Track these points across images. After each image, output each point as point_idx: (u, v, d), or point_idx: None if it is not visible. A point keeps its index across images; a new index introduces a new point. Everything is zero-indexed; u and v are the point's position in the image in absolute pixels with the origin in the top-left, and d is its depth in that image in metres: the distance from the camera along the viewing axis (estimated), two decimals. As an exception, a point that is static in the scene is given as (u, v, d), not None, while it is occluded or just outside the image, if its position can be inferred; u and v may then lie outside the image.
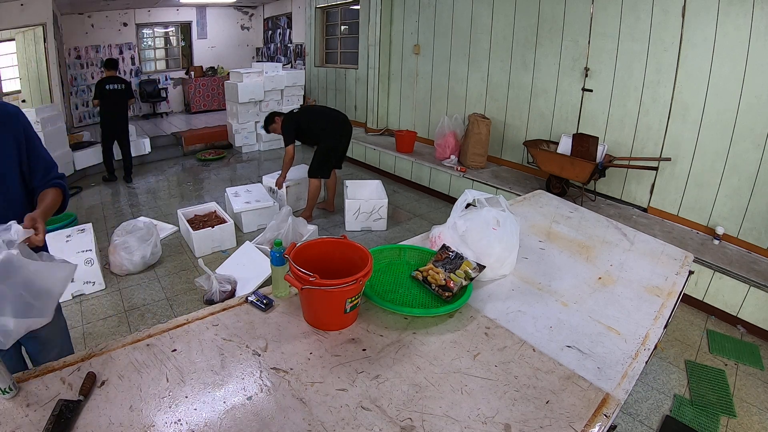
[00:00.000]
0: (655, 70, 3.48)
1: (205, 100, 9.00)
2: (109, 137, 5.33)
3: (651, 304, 1.51)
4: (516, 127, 4.69)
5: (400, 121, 6.26)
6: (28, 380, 1.05)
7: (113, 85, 5.13)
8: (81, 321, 2.73)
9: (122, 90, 5.20)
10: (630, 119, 3.72)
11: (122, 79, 5.28)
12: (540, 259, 1.78)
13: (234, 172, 6.06)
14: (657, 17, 3.41)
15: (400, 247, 1.69)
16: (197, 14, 8.95)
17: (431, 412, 1.01)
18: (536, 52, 4.32)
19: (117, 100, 5.20)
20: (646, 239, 2.05)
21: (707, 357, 2.57)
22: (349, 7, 6.92)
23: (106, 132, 5.30)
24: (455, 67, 5.20)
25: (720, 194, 3.26)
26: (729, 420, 2.11)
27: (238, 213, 3.94)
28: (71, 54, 7.51)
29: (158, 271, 3.32)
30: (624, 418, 2.07)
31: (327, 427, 0.96)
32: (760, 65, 2.93)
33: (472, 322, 1.36)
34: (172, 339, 1.21)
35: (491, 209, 1.67)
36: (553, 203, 2.45)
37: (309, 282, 1.19)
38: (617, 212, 3.70)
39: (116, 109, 5.24)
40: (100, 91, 5.10)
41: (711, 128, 3.24)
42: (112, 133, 5.31)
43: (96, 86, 5.18)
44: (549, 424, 1.00)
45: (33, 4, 5.36)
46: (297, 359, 1.16)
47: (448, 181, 4.82)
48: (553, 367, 1.18)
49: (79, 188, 5.22)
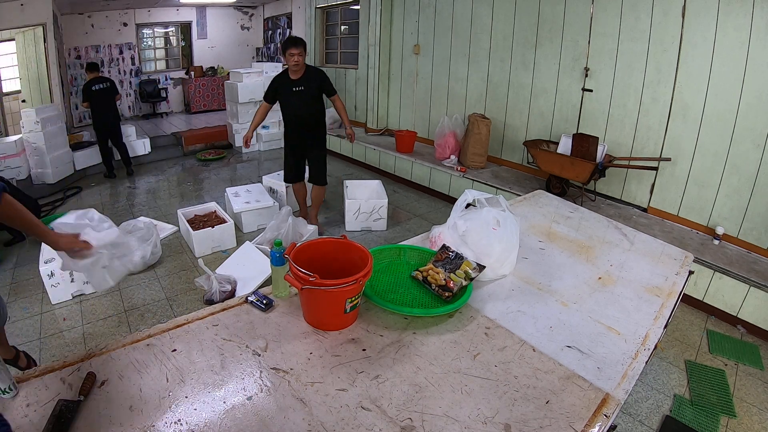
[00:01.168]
0: (655, 70, 3.48)
1: (205, 100, 9.00)
2: (103, 135, 5.46)
3: (651, 304, 1.51)
4: (516, 127, 4.69)
5: (400, 121, 6.26)
6: (28, 380, 1.06)
7: (99, 85, 5.27)
8: (81, 321, 2.73)
9: (108, 88, 5.34)
10: (630, 119, 3.72)
11: (106, 78, 5.45)
12: (540, 259, 1.78)
13: (234, 172, 6.06)
14: (657, 17, 3.41)
15: (400, 247, 1.69)
16: (197, 14, 8.95)
17: (431, 412, 1.01)
18: (536, 52, 4.32)
19: (105, 99, 5.33)
20: (646, 239, 2.05)
21: (707, 357, 2.57)
22: (349, 7, 6.91)
23: (99, 131, 5.43)
24: (455, 67, 5.20)
25: (720, 194, 3.26)
26: (729, 420, 2.11)
27: (238, 213, 3.94)
28: (71, 54, 7.51)
29: (158, 271, 3.32)
30: (624, 418, 2.07)
31: (327, 427, 0.96)
32: (760, 65, 2.93)
33: (472, 322, 1.36)
34: (172, 339, 1.21)
35: (491, 209, 1.67)
36: (553, 203, 2.45)
37: (309, 282, 1.19)
38: (617, 212, 3.70)
39: (105, 108, 5.38)
40: (88, 93, 5.23)
41: (711, 128, 3.24)
42: (105, 131, 5.45)
43: (83, 90, 5.29)
44: (549, 424, 1.00)
45: (33, 4, 5.36)
46: (297, 359, 1.16)
47: (448, 181, 4.81)
48: (553, 367, 1.18)
49: (79, 188, 5.22)
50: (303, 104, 3.47)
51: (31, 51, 5.84)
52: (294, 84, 3.40)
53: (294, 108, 3.49)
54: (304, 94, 3.45)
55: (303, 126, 3.57)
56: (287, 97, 3.47)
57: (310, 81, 3.44)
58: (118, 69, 8.19)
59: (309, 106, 3.51)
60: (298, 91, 3.42)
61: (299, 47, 3.28)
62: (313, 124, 3.60)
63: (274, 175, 4.60)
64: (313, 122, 3.60)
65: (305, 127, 3.59)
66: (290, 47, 3.27)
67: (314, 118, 3.59)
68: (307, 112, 3.53)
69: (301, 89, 3.42)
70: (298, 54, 3.27)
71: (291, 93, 3.43)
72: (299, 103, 3.46)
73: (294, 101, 3.46)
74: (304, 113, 3.52)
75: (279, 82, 3.47)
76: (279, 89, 3.47)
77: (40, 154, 4.91)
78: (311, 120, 3.58)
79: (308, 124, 3.57)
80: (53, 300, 2.87)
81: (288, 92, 3.44)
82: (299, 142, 3.65)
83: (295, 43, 3.28)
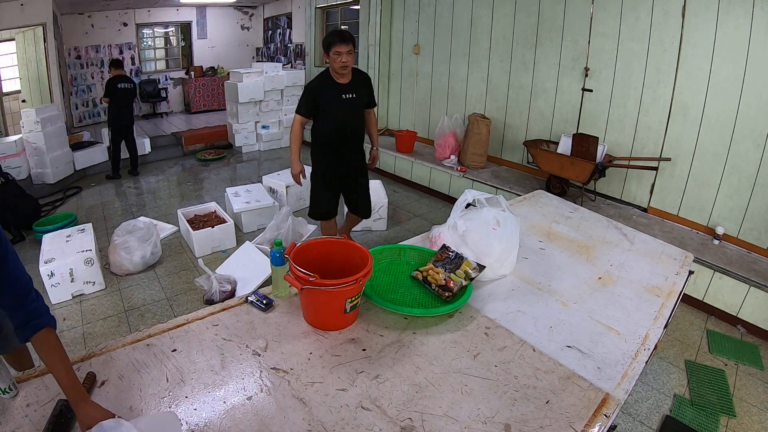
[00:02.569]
0: (655, 70, 3.48)
1: (205, 100, 9.00)
2: (120, 134, 5.47)
3: (651, 304, 1.51)
4: (516, 127, 4.69)
5: (400, 121, 6.26)
6: (28, 380, 1.05)
7: (125, 84, 5.28)
8: (81, 321, 2.73)
9: (132, 89, 5.38)
10: (630, 119, 3.72)
11: (131, 79, 5.48)
12: (540, 259, 1.78)
13: (234, 172, 6.06)
14: (657, 17, 3.40)
15: (400, 247, 1.69)
16: (197, 14, 8.95)
17: (431, 412, 1.01)
18: (536, 52, 4.32)
19: (127, 99, 5.36)
20: (646, 239, 2.05)
21: (707, 357, 2.57)
22: (349, 7, 6.91)
23: (117, 129, 5.42)
24: (455, 67, 5.20)
25: (720, 194, 3.26)
26: (729, 420, 2.10)
27: (238, 213, 3.94)
28: (71, 54, 7.51)
29: (158, 271, 3.32)
30: (624, 418, 2.07)
31: (327, 427, 0.96)
32: (760, 65, 2.93)
33: (472, 322, 1.36)
34: (172, 339, 1.21)
35: (491, 209, 1.67)
36: (553, 203, 2.45)
37: (309, 282, 1.19)
38: (617, 212, 3.70)
39: (127, 107, 5.40)
40: (112, 90, 5.20)
41: (711, 128, 3.24)
42: (123, 130, 5.46)
43: (108, 84, 5.25)
44: (549, 424, 1.00)
45: (33, 4, 5.36)
46: (297, 359, 1.16)
47: (448, 181, 4.81)
48: (553, 367, 1.18)
49: (79, 188, 5.22)
50: (354, 116, 2.70)
51: (31, 51, 5.84)
52: (343, 90, 2.59)
53: (342, 121, 2.66)
54: (356, 103, 2.65)
55: (349, 145, 2.77)
56: (334, 106, 2.61)
57: (360, 87, 2.66)
58: (123, 68, 8.19)
59: (359, 119, 2.75)
60: (349, 99, 2.61)
61: (349, 44, 2.45)
62: (359, 143, 2.83)
63: (274, 175, 4.60)
64: (360, 141, 2.82)
65: (352, 147, 2.79)
66: (337, 43, 2.43)
67: (361, 131, 2.82)
68: (358, 126, 2.76)
69: (352, 97, 2.61)
70: (347, 52, 2.46)
71: (340, 101, 2.60)
72: (350, 115, 2.66)
73: (343, 112, 2.64)
74: (353, 128, 2.73)
75: (319, 88, 2.61)
76: (321, 97, 2.60)
77: (40, 154, 4.91)
78: (358, 138, 2.81)
79: (355, 142, 2.80)
80: (53, 300, 2.87)
81: (335, 100, 2.60)
82: (344, 167, 2.81)
83: (343, 38, 2.44)
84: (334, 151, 2.75)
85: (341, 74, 2.56)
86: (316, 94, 2.60)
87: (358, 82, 2.65)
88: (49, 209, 4.55)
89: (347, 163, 2.81)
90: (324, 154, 2.77)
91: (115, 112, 5.32)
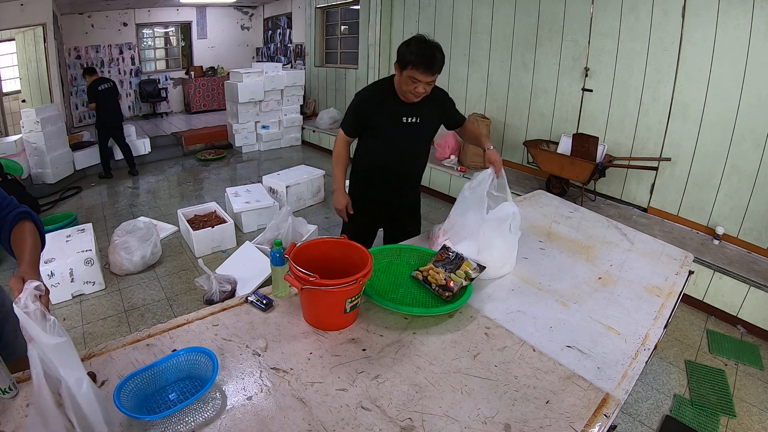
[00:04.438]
0: (655, 70, 3.48)
1: (205, 100, 9.00)
2: (107, 134, 5.49)
3: (651, 304, 1.51)
4: (516, 127, 4.69)
5: (400, 121, 6.26)
6: (28, 380, 1.05)
7: (103, 85, 5.32)
8: (81, 321, 2.73)
9: (113, 88, 5.41)
10: (630, 119, 3.72)
11: (108, 79, 5.54)
12: (540, 259, 1.78)
13: (234, 172, 6.06)
14: (657, 17, 3.40)
15: (400, 247, 1.69)
16: (197, 14, 8.95)
17: (431, 412, 1.01)
18: (536, 52, 4.32)
19: (111, 98, 5.39)
20: (646, 239, 2.05)
21: (707, 357, 2.57)
22: (349, 7, 6.91)
23: (104, 131, 5.45)
24: (455, 67, 5.19)
25: (720, 194, 3.26)
26: (729, 420, 2.11)
27: (238, 213, 3.94)
28: (71, 54, 7.51)
29: (158, 271, 3.32)
30: (624, 418, 2.07)
31: (327, 427, 0.96)
32: (760, 65, 2.93)
33: (472, 322, 1.35)
34: (172, 339, 1.21)
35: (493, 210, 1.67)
36: (553, 203, 2.45)
37: (309, 282, 1.19)
38: (617, 212, 3.70)
39: (112, 107, 5.43)
40: (95, 94, 5.25)
41: (711, 128, 3.24)
42: (110, 131, 5.48)
43: (88, 91, 5.32)
44: (549, 424, 1.00)
45: (33, 4, 5.36)
46: (297, 359, 1.16)
47: (448, 181, 4.81)
48: (553, 367, 1.18)
49: (79, 188, 5.22)
50: (414, 144, 2.04)
51: (31, 51, 5.84)
52: (406, 111, 1.94)
53: (398, 149, 2.02)
54: (420, 129, 2.00)
55: (401, 182, 2.15)
56: (390, 130, 1.98)
57: (430, 108, 1.99)
58: (118, 69, 8.19)
59: (421, 147, 2.09)
60: (410, 124, 1.96)
61: (435, 75, 1.78)
62: (415, 181, 2.23)
63: (274, 175, 4.60)
64: (417, 178, 2.24)
65: (405, 186, 2.18)
66: (420, 70, 1.75)
67: (421, 166, 2.20)
68: (416, 159, 2.13)
69: (416, 122, 1.97)
70: (429, 83, 1.81)
71: (399, 125, 1.96)
72: (409, 143, 2.01)
73: (401, 139, 2.00)
74: (409, 161, 2.10)
75: (375, 101, 1.97)
76: (376, 117, 1.97)
77: (40, 154, 4.91)
78: (415, 174, 2.20)
79: (410, 180, 2.20)
80: (53, 300, 2.85)
81: (392, 123, 1.96)
82: (386, 203, 2.19)
83: (429, 66, 1.74)
84: (378, 183, 2.12)
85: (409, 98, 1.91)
86: (368, 110, 1.97)
87: (429, 102, 1.95)
88: (49, 208, 4.56)
89: (396, 206, 2.20)
90: (366, 191, 2.17)
91: (103, 114, 5.36)
